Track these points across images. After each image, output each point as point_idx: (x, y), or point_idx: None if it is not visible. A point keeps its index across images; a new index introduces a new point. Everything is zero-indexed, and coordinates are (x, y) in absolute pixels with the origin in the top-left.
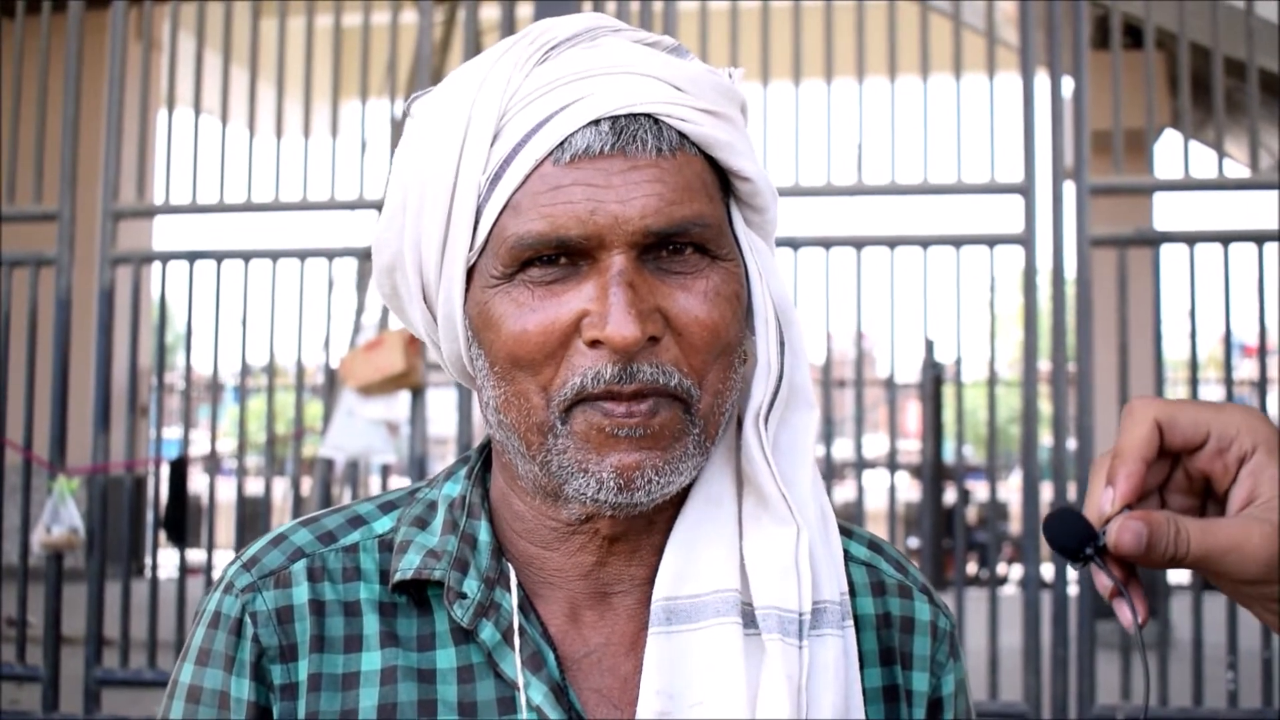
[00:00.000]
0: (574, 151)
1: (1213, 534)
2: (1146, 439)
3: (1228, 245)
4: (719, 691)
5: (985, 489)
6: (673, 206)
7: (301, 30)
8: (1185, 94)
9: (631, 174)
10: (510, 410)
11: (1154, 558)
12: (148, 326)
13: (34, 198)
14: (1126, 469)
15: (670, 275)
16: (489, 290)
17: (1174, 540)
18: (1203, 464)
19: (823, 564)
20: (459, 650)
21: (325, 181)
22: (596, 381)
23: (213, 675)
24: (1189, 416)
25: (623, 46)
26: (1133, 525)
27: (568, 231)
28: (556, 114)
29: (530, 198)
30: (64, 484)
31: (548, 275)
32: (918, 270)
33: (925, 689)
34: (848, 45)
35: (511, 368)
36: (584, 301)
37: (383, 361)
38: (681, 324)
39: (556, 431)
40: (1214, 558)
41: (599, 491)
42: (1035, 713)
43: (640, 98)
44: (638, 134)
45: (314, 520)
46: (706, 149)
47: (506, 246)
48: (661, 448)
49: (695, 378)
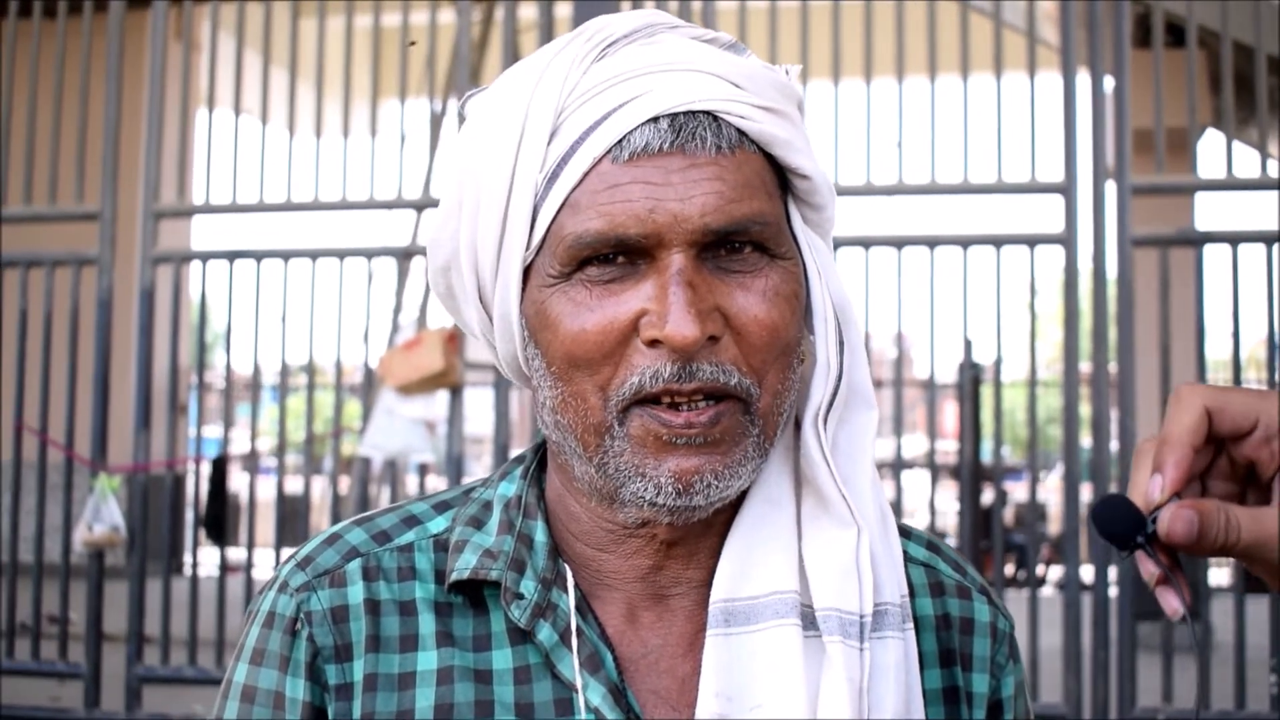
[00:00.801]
0: (633, 149)
1: (1262, 523)
2: (1195, 425)
3: (1271, 245)
4: (779, 694)
5: (1023, 490)
6: (732, 205)
7: (341, 30)
8: (1228, 92)
9: (691, 172)
10: (567, 411)
11: (1204, 546)
12: (188, 325)
13: (76, 198)
14: (1175, 455)
15: (729, 274)
16: (546, 290)
17: (1224, 529)
18: (1249, 450)
19: (883, 566)
20: (515, 651)
21: (364, 181)
22: (655, 380)
23: (267, 675)
24: (1239, 403)
25: (681, 43)
26: (1185, 514)
27: (626, 230)
28: (615, 111)
29: (588, 196)
30: (105, 482)
31: (606, 274)
32: (958, 270)
33: (985, 690)
34: (887, 44)
35: (569, 368)
36: (643, 301)
37: (421, 360)
38: (740, 323)
39: (614, 433)
40: (1264, 545)
41: (657, 495)
42: (1076, 714)
43: (699, 94)
44: (697, 131)
45: (368, 519)
46: (765, 146)
47: (564, 245)
48: (721, 452)
49: (755, 377)
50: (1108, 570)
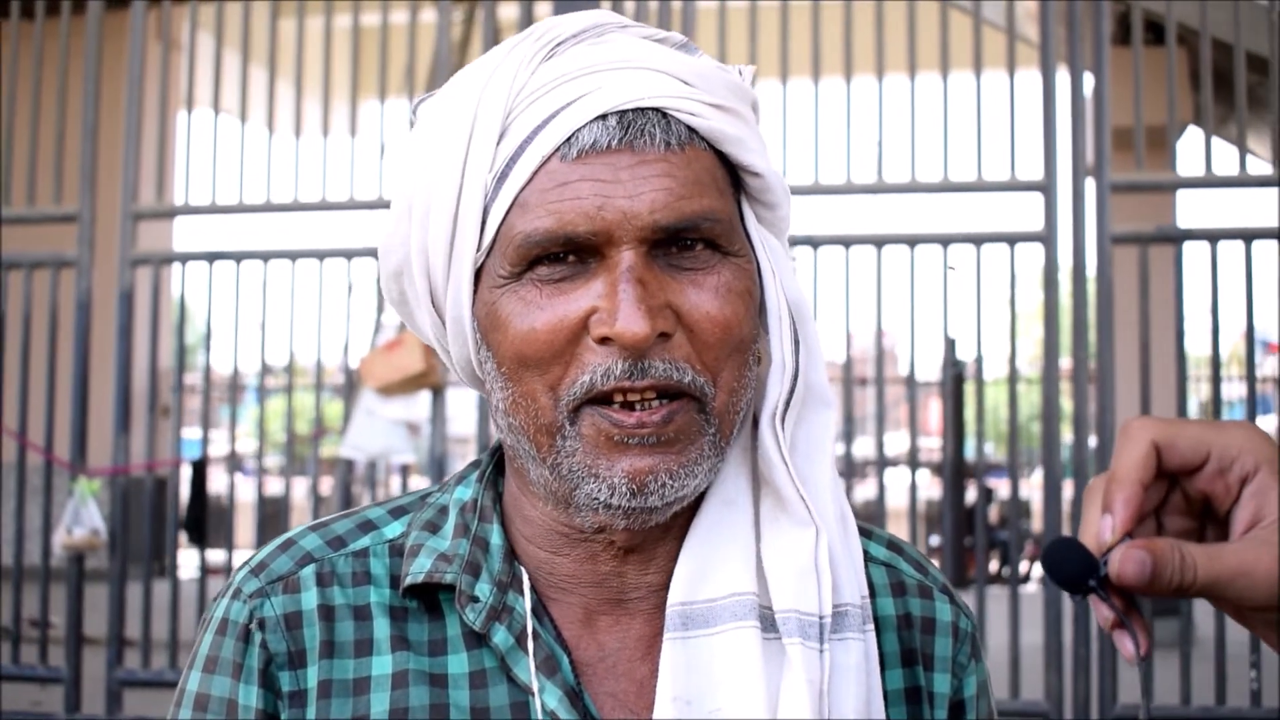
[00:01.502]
0: (581, 147)
1: (1219, 560)
2: (1143, 461)
3: (1250, 242)
4: (738, 696)
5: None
6: (682, 201)
7: (320, 30)
8: (1207, 90)
9: (640, 169)
10: (518, 412)
11: (1159, 587)
12: (168, 327)
13: (54, 199)
14: (1124, 494)
15: (681, 271)
16: (496, 290)
17: (1179, 568)
18: (1203, 485)
19: (842, 566)
20: (471, 655)
21: (344, 181)
22: (607, 378)
23: (220, 683)
24: (1188, 436)
25: (630, 42)
26: (1136, 555)
27: (575, 228)
28: (563, 110)
29: (537, 195)
30: (85, 485)
31: (556, 273)
32: (938, 268)
33: (947, 690)
34: (867, 42)
35: (519, 368)
36: (593, 299)
37: (402, 361)
38: (693, 320)
39: (565, 433)
40: (1221, 584)
41: (611, 496)
42: (1057, 712)
43: (648, 91)
44: (645, 128)
45: (323, 525)
46: (716, 144)
47: (514, 245)
48: (676, 451)
49: (709, 375)
50: None
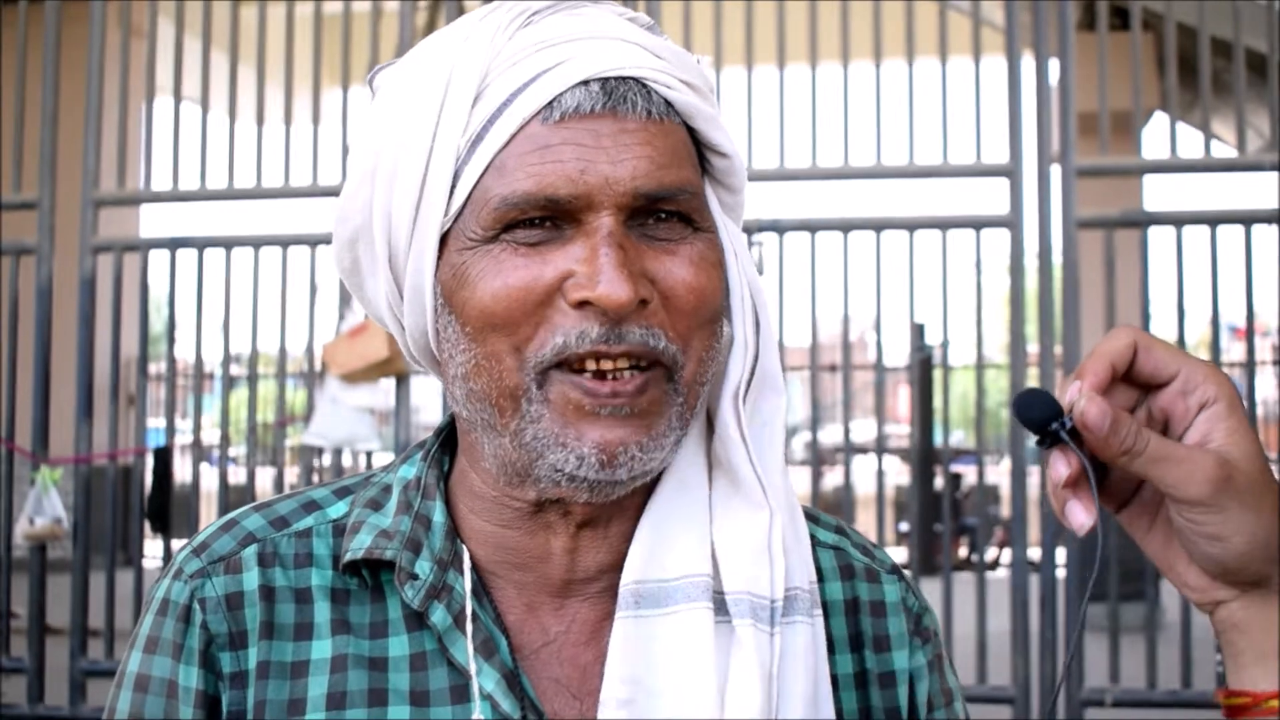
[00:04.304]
0: (564, 110)
1: (1168, 446)
2: (1120, 350)
3: (1215, 227)
4: (686, 678)
5: (974, 473)
6: (662, 170)
7: (282, 17)
8: (1172, 75)
9: (621, 136)
10: (480, 375)
11: (1112, 444)
12: (131, 315)
13: (13, 187)
14: (1095, 367)
15: (655, 242)
16: (466, 251)
17: (1134, 434)
18: (1165, 402)
19: (793, 551)
20: (411, 638)
21: (307, 168)
22: (582, 341)
23: (161, 663)
24: (1164, 350)
25: (604, 15)
26: (1101, 404)
27: (557, 191)
28: (545, 73)
29: (516, 158)
30: (47, 474)
31: (532, 237)
32: (904, 253)
33: (906, 666)
34: (833, 28)
35: (484, 327)
36: (570, 262)
37: (366, 348)
38: (668, 286)
39: (531, 396)
40: (1163, 466)
41: (579, 467)
42: (1024, 695)
43: (628, 61)
44: (628, 95)
45: (266, 505)
46: (688, 119)
47: (490, 207)
48: (647, 424)
49: (681, 344)
50: (1055, 551)
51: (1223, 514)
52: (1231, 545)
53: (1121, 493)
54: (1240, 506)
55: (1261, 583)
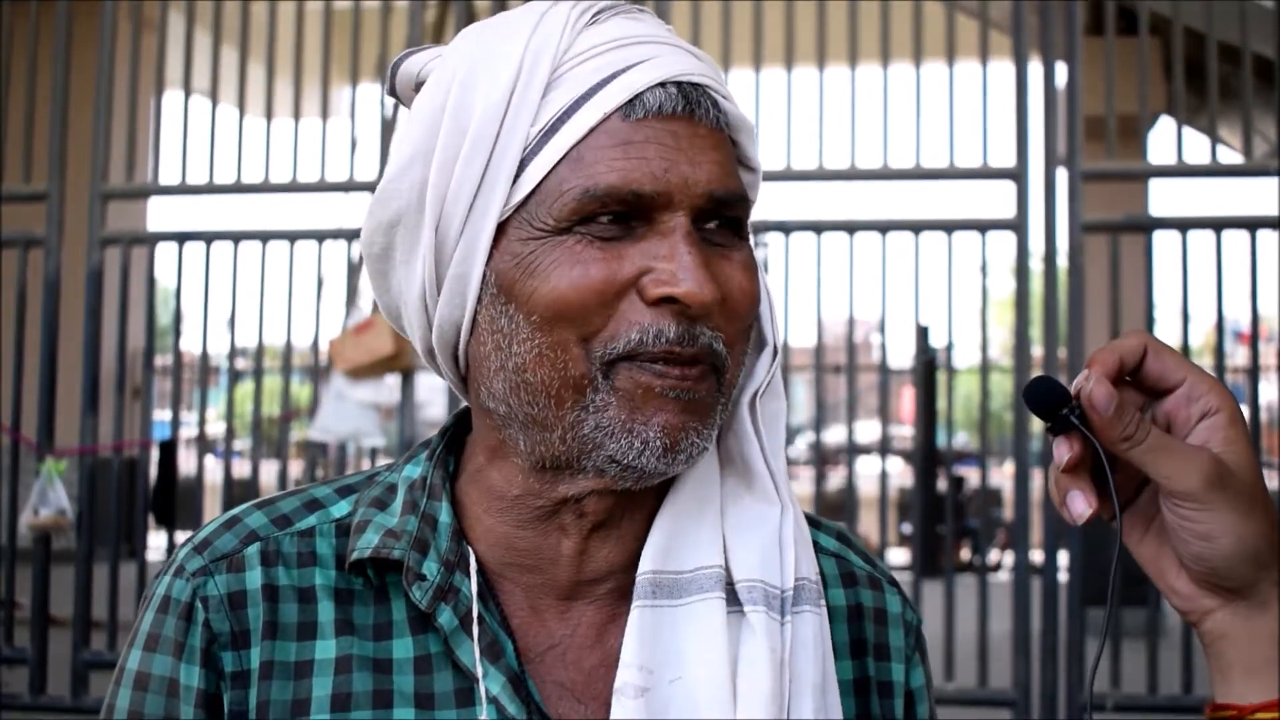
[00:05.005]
0: (647, 109)
1: (1168, 440)
2: (1131, 348)
3: (1220, 231)
4: (701, 665)
5: (977, 475)
6: (729, 177)
7: (293, 12)
8: (1179, 80)
9: (696, 139)
10: (543, 365)
11: (1115, 429)
12: (138, 307)
13: (23, 178)
14: (1105, 359)
15: (712, 246)
16: (534, 241)
17: (1136, 423)
18: (1169, 407)
19: (799, 543)
20: (416, 640)
21: (315, 163)
22: (659, 339)
23: (161, 661)
24: (1173, 357)
25: (659, 24)
26: (1107, 384)
27: (641, 186)
28: (625, 70)
29: (595, 151)
30: (52, 466)
31: (607, 231)
32: (910, 255)
33: (903, 680)
34: (841, 31)
35: (554, 318)
36: (647, 259)
37: (372, 344)
38: (728, 290)
39: (597, 386)
40: (1160, 456)
41: (642, 453)
42: (1024, 699)
43: (696, 69)
44: (702, 101)
45: (269, 503)
46: (735, 132)
47: (569, 198)
48: (700, 414)
49: (728, 347)
50: (1057, 555)
51: (1213, 512)
52: (1219, 545)
53: (1119, 497)
54: (1230, 508)
55: (1247, 592)
